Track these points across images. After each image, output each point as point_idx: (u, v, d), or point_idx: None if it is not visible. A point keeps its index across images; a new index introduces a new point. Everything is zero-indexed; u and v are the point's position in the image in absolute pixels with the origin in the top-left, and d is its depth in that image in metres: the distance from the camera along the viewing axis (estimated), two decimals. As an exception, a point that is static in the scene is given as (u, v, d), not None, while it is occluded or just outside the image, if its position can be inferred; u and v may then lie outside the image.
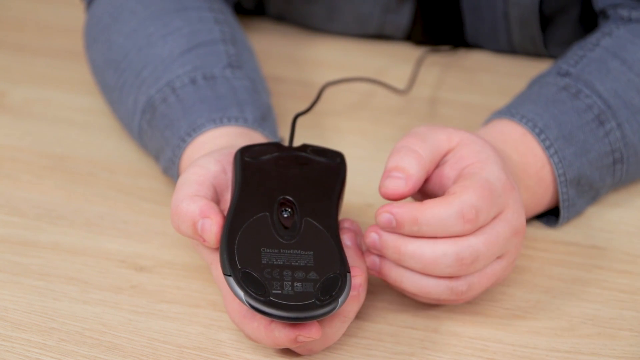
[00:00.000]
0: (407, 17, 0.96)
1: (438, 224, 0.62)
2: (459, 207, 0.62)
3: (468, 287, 0.64)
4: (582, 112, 0.74)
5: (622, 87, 0.76)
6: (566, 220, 0.75)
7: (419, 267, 0.63)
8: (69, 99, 0.92)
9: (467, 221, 0.62)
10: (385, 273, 0.64)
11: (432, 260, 0.62)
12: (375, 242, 0.64)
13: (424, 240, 0.62)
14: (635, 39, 0.79)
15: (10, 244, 0.73)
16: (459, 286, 0.63)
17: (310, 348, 0.63)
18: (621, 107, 0.75)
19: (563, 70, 0.77)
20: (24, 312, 0.67)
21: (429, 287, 0.63)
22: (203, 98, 0.76)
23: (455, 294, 0.64)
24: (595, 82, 0.76)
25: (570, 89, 0.76)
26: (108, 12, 0.85)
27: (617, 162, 0.75)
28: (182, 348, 0.65)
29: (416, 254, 0.62)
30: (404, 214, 0.62)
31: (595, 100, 0.75)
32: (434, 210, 0.62)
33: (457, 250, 0.62)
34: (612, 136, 0.74)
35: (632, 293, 0.70)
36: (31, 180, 0.80)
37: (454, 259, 0.62)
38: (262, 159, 0.66)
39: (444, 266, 0.62)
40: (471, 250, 0.62)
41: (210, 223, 0.62)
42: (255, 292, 0.58)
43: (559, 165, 0.72)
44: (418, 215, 0.62)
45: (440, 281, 0.63)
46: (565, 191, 0.73)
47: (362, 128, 0.88)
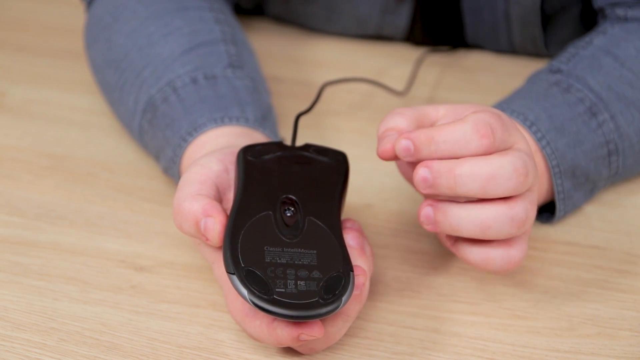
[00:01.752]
0: (406, 18, 0.96)
1: (455, 140, 0.61)
2: (473, 122, 0.61)
3: (525, 214, 0.62)
4: (574, 105, 0.74)
5: (615, 81, 0.76)
6: (563, 214, 0.75)
7: (479, 185, 0.61)
8: (69, 99, 0.92)
9: (482, 136, 0.61)
10: (440, 220, 0.63)
11: (490, 174, 0.61)
12: (426, 176, 0.62)
13: (476, 158, 0.61)
14: (628, 36, 0.79)
15: (10, 244, 0.73)
16: (518, 213, 0.62)
17: (312, 347, 0.63)
18: (614, 100, 0.75)
19: (555, 68, 0.78)
20: (24, 312, 0.67)
21: (490, 219, 0.61)
22: (204, 98, 0.76)
23: (517, 225, 0.62)
24: (586, 77, 0.76)
25: (561, 84, 0.76)
26: (108, 12, 0.85)
27: (613, 154, 0.75)
28: (182, 348, 0.65)
29: (473, 171, 0.61)
30: (420, 135, 0.62)
31: (586, 94, 0.75)
32: (449, 128, 0.62)
33: (511, 160, 0.61)
34: (606, 127, 0.74)
35: (632, 293, 0.70)
36: (31, 180, 0.80)
37: (511, 169, 0.61)
38: (265, 158, 0.66)
39: (504, 179, 0.61)
40: (522, 161, 0.61)
41: (213, 222, 0.62)
42: (259, 290, 0.58)
43: (552, 157, 0.72)
44: (434, 134, 0.61)
45: (498, 208, 0.61)
46: (560, 182, 0.73)
47: (362, 128, 0.88)
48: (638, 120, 0.76)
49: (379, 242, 0.74)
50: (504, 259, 0.64)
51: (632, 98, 0.76)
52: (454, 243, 0.65)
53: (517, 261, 0.64)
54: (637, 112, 0.76)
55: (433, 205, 0.63)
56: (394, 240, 0.74)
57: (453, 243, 0.65)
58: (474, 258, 0.64)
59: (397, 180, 0.79)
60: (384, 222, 0.76)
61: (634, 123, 0.76)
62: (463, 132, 0.62)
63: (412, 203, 0.78)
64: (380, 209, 0.78)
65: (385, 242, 0.74)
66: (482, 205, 0.62)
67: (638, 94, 0.76)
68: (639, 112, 0.76)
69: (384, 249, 0.73)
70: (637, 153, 0.76)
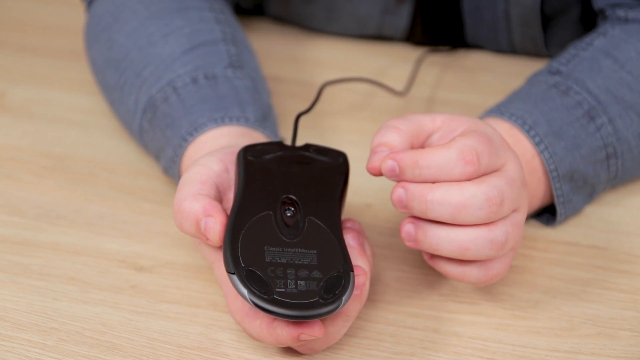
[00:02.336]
0: (406, 18, 0.96)
1: (439, 166, 0.61)
2: (459, 148, 0.61)
3: (506, 237, 0.62)
4: (572, 109, 0.74)
5: (614, 84, 0.76)
6: (564, 218, 0.75)
7: (449, 213, 0.61)
8: (69, 99, 0.92)
9: (467, 162, 0.61)
10: (421, 239, 0.63)
11: (461, 203, 0.61)
12: (401, 196, 0.62)
13: (451, 184, 0.61)
14: (629, 38, 0.79)
15: (10, 244, 0.73)
16: (498, 236, 0.62)
17: (312, 347, 0.63)
18: (612, 103, 0.75)
19: (554, 69, 0.78)
20: (24, 312, 0.67)
21: (468, 241, 0.62)
22: (204, 97, 0.76)
23: (496, 248, 0.62)
24: (585, 80, 0.76)
25: (560, 87, 0.76)
26: (109, 12, 0.85)
27: (611, 157, 0.75)
28: (182, 348, 0.65)
29: (444, 198, 0.61)
30: (405, 157, 0.62)
31: (585, 97, 0.75)
32: (434, 153, 0.62)
33: (485, 190, 0.61)
34: (604, 131, 0.74)
35: (632, 293, 0.70)
36: (31, 180, 0.80)
37: (483, 198, 0.61)
38: (265, 158, 0.66)
39: (474, 209, 0.61)
40: (497, 190, 0.61)
41: (213, 221, 0.62)
42: (259, 290, 0.58)
43: (550, 161, 0.72)
44: (418, 158, 0.62)
45: (478, 231, 0.62)
46: (559, 186, 0.73)
47: (362, 128, 0.88)
48: (637, 124, 0.76)
49: (379, 242, 0.74)
50: (480, 274, 0.64)
51: (631, 101, 0.76)
52: (431, 257, 0.65)
53: (496, 275, 0.64)
54: (636, 115, 0.76)
55: (414, 223, 0.63)
56: (394, 240, 0.74)
57: (430, 257, 0.65)
58: (450, 271, 0.64)
59: (397, 180, 0.79)
60: (384, 222, 0.76)
61: (632, 126, 0.76)
62: (447, 158, 0.61)
63: (412, 203, 0.78)
64: (380, 209, 0.78)
65: (385, 242, 0.74)
66: (462, 228, 0.62)
67: (637, 97, 0.76)
68: (638, 115, 0.76)
69: (384, 249, 0.73)
70: (636, 156, 0.76)
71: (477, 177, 0.62)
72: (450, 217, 0.61)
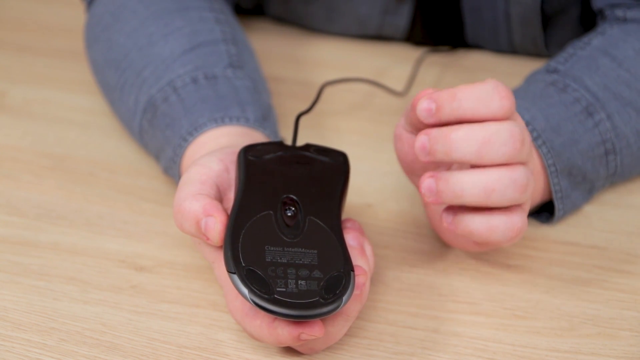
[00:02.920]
0: (406, 18, 0.96)
1: (477, 98, 0.61)
2: (494, 84, 0.61)
3: (527, 179, 0.62)
4: (570, 105, 0.75)
5: (611, 81, 0.76)
6: (563, 214, 0.75)
7: (474, 149, 0.61)
8: (69, 99, 0.92)
9: (502, 97, 0.61)
10: (442, 189, 0.62)
11: (485, 138, 0.61)
12: (424, 143, 0.62)
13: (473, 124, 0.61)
14: (627, 37, 0.80)
15: (10, 244, 0.73)
16: (520, 176, 0.61)
17: (312, 347, 0.63)
18: (611, 99, 0.75)
19: (552, 68, 0.78)
20: (24, 312, 0.67)
21: (493, 181, 0.61)
22: (204, 97, 0.76)
23: (520, 189, 0.61)
24: (583, 77, 0.76)
25: (557, 84, 0.76)
26: (109, 12, 0.85)
27: (610, 153, 0.75)
28: (182, 348, 0.65)
29: (468, 135, 0.61)
30: (442, 93, 0.62)
31: (583, 94, 0.75)
32: (471, 87, 0.61)
33: (507, 127, 0.61)
34: (602, 126, 0.74)
35: (632, 293, 0.70)
36: (31, 180, 0.80)
37: (507, 134, 0.61)
38: (266, 157, 0.66)
39: (499, 144, 0.61)
40: (519, 128, 0.61)
41: (214, 221, 0.62)
42: (260, 289, 0.58)
43: (548, 156, 0.72)
44: (456, 92, 0.61)
45: (501, 171, 0.61)
46: (557, 182, 0.73)
47: (362, 128, 0.88)
48: (635, 120, 0.76)
49: (379, 242, 0.74)
50: (507, 226, 0.63)
51: (629, 98, 0.76)
52: (453, 218, 0.64)
53: (520, 229, 0.63)
54: (634, 112, 0.76)
55: (434, 175, 0.62)
56: (394, 240, 0.74)
57: (453, 218, 0.64)
58: (476, 227, 0.63)
59: (397, 180, 0.79)
60: (384, 222, 0.76)
61: (630, 123, 0.76)
62: (484, 91, 0.61)
63: (412, 203, 0.78)
64: (380, 209, 0.78)
65: (385, 242, 0.74)
66: (484, 169, 0.62)
67: (635, 94, 0.76)
68: (636, 112, 0.76)
69: (384, 249, 0.73)
70: (634, 153, 0.77)
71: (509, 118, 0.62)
72: (476, 154, 0.61)
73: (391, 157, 0.80)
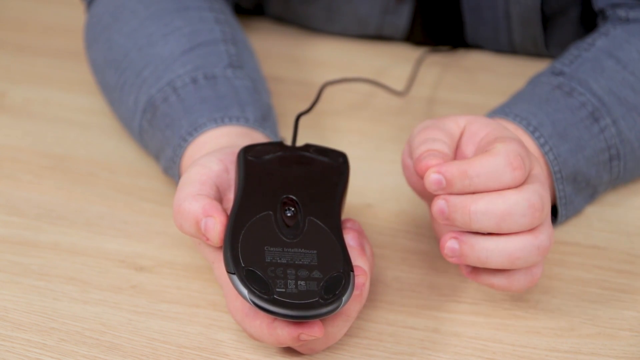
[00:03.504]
0: (406, 18, 0.96)
1: (488, 174, 0.61)
2: (505, 154, 0.61)
3: (549, 240, 0.62)
4: (576, 110, 0.74)
5: (617, 85, 0.76)
6: (565, 219, 0.75)
7: (494, 222, 0.61)
8: (69, 99, 0.92)
9: (515, 168, 0.61)
10: (467, 254, 0.62)
11: (506, 211, 0.61)
12: (443, 208, 0.62)
13: (494, 194, 0.61)
14: (630, 39, 0.79)
15: (10, 244, 0.73)
16: (543, 241, 0.62)
17: (312, 347, 0.63)
18: (616, 104, 0.75)
19: (557, 70, 0.78)
20: (24, 312, 0.67)
21: (517, 250, 0.61)
22: (204, 98, 0.76)
23: (543, 252, 0.62)
24: (589, 81, 0.76)
25: (564, 88, 0.76)
26: (108, 12, 0.85)
27: (614, 159, 0.75)
28: (182, 348, 0.65)
29: (488, 208, 0.61)
30: (453, 169, 0.61)
31: (589, 98, 0.75)
32: (482, 162, 0.61)
33: (526, 196, 0.61)
34: (608, 132, 0.74)
35: (632, 293, 0.70)
36: (31, 180, 0.80)
37: (526, 205, 0.61)
38: (265, 158, 0.66)
39: (518, 216, 0.61)
40: (538, 195, 0.61)
41: (213, 222, 0.62)
42: (259, 290, 0.58)
43: (555, 162, 0.73)
44: (467, 168, 0.61)
45: (525, 239, 0.61)
46: (562, 188, 0.73)
47: (362, 128, 0.88)
48: (639, 125, 0.76)
49: (379, 242, 0.74)
50: (527, 280, 0.64)
51: (634, 102, 0.76)
52: (472, 271, 0.65)
53: (538, 277, 0.65)
54: (639, 116, 0.76)
55: (458, 238, 0.62)
56: (394, 240, 0.74)
57: (472, 271, 0.65)
58: (497, 282, 0.64)
59: (397, 180, 0.79)
60: (384, 222, 0.76)
61: (635, 128, 0.76)
62: (496, 165, 0.61)
63: (412, 203, 0.78)
64: (380, 209, 0.78)
65: (385, 242, 0.74)
66: (509, 237, 0.62)
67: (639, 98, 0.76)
68: None
69: (384, 249, 0.73)
70: (638, 157, 0.77)
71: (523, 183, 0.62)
72: (495, 227, 0.61)
73: (391, 157, 0.81)
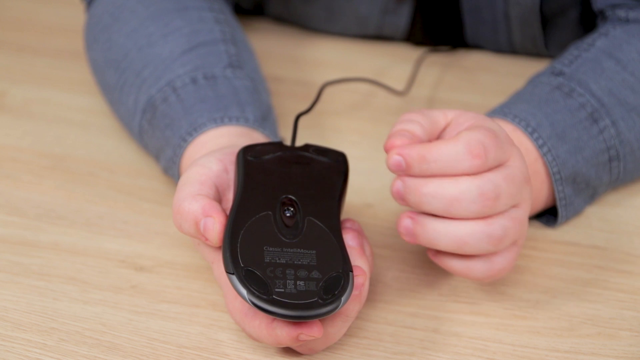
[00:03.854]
0: (406, 18, 0.96)
1: (446, 160, 0.61)
2: (466, 142, 0.61)
3: (503, 231, 0.62)
4: (575, 111, 0.74)
5: (616, 85, 0.76)
6: (565, 220, 0.75)
7: (442, 205, 0.61)
8: (69, 99, 0.92)
9: (475, 156, 0.61)
10: (419, 233, 0.63)
11: (454, 196, 0.61)
12: (399, 189, 0.63)
13: (446, 178, 0.61)
14: (630, 39, 0.79)
15: (10, 244, 0.73)
16: (495, 230, 0.62)
17: (311, 347, 0.63)
18: (615, 105, 0.75)
19: (557, 70, 0.78)
20: (24, 312, 0.67)
21: (466, 235, 0.62)
22: (204, 98, 0.76)
23: (494, 242, 0.62)
24: (588, 81, 0.76)
25: (563, 88, 0.76)
26: (108, 12, 0.85)
27: (614, 160, 0.75)
28: (182, 348, 0.65)
29: (437, 191, 0.61)
30: (412, 152, 0.62)
31: (588, 99, 0.75)
32: (442, 147, 0.62)
33: (478, 184, 0.61)
34: (607, 133, 0.74)
35: (632, 293, 0.70)
36: (31, 180, 0.80)
37: (476, 193, 0.61)
38: (265, 158, 0.66)
39: (467, 202, 0.61)
40: (492, 185, 0.61)
41: (212, 222, 0.62)
42: (258, 290, 0.58)
43: (553, 164, 0.72)
44: (425, 153, 0.61)
45: (475, 225, 0.62)
46: (562, 189, 0.73)
47: (362, 128, 0.88)
48: (639, 126, 0.76)
49: (379, 242, 0.74)
50: (485, 268, 0.64)
51: (634, 103, 0.76)
52: (435, 253, 0.65)
53: (501, 270, 0.64)
54: (638, 117, 0.76)
55: (412, 217, 0.63)
56: (394, 240, 0.74)
57: (435, 253, 0.65)
58: (454, 267, 0.64)
59: (397, 180, 0.79)
60: (384, 222, 0.76)
61: (634, 129, 0.76)
62: (455, 152, 0.61)
63: (412, 203, 0.78)
64: (380, 209, 0.78)
65: (385, 242, 0.74)
66: (459, 222, 0.62)
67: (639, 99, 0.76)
68: None
69: (384, 249, 0.73)
70: (637, 158, 0.76)
71: (484, 171, 0.62)
72: (444, 210, 0.61)
73: (391, 157, 0.80)
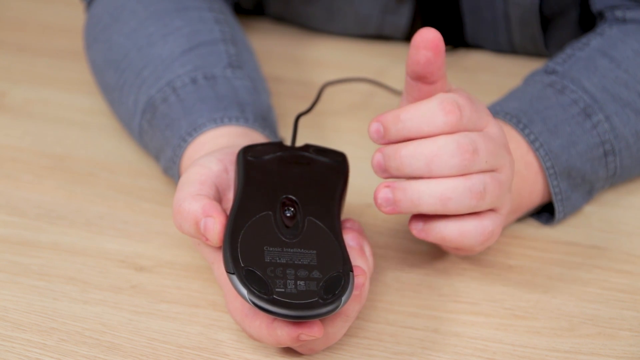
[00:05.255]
0: (406, 18, 0.96)
1: (420, 117, 0.62)
2: (440, 100, 0.62)
3: (483, 186, 0.62)
4: (568, 107, 0.75)
5: (610, 82, 0.76)
6: (563, 216, 0.75)
7: (423, 164, 0.61)
8: (69, 99, 0.92)
9: (448, 112, 0.61)
10: (399, 198, 0.62)
11: (434, 152, 0.61)
12: (379, 160, 0.63)
13: (424, 139, 0.62)
14: (625, 38, 0.79)
15: (10, 244, 0.73)
16: (475, 184, 0.62)
17: (312, 347, 0.63)
18: (609, 101, 0.75)
19: (550, 69, 0.78)
20: (24, 312, 0.67)
21: (448, 190, 0.62)
22: (204, 98, 0.76)
23: (476, 196, 0.62)
24: (581, 79, 0.76)
25: (555, 86, 0.76)
26: (108, 12, 0.85)
27: (609, 154, 0.75)
28: (182, 348, 0.65)
29: (417, 150, 0.61)
30: (387, 115, 0.63)
31: (581, 95, 0.75)
32: (416, 106, 0.62)
33: (456, 138, 0.61)
34: (601, 128, 0.74)
35: (632, 293, 0.70)
36: (31, 180, 0.80)
37: (454, 146, 0.61)
38: (265, 158, 0.66)
39: (447, 156, 0.61)
40: (469, 139, 0.62)
41: (213, 222, 0.62)
42: (259, 290, 0.58)
43: (546, 158, 0.72)
44: (399, 113, 0.62)
45: (456, 180, 0.61)
46: (557, 184, 0.73)
47: (362, 128, 0.87)
48: (634, 121, 0.76)
49: (379, 242, 0.74)
50: (478, 230, 0.63)
51: (628, 99, 0.76)
52: (424, 225, 0.64)
53: (491, 232, 0.64)
54: (633, 113, 0.76)
55: (390, 185, 0.63)
56: (394, 240, 0.74)
57: (423, 226, 0.64)
58: (448, 233, 0.63)
59: (397, 180, 0.79)
60: (384, 222, 0.76)
61: (629, 124, 0.76)
62: (428, 109, 0.62)
63: (412, 203, 0.78)
64: (380, 209, 0.78)
65: (385, 242, 0.74)
66: (440, 179, 0.62)
67: (634, 95, 0.76)
68: (635, 112, 0.76)
69: (384, 249, 0.73)
70: (634, 154, 0.76)
71: (461, 129, 0.62)
72: (425, 168, 0.61)
73: (391, 157, 0.80)
